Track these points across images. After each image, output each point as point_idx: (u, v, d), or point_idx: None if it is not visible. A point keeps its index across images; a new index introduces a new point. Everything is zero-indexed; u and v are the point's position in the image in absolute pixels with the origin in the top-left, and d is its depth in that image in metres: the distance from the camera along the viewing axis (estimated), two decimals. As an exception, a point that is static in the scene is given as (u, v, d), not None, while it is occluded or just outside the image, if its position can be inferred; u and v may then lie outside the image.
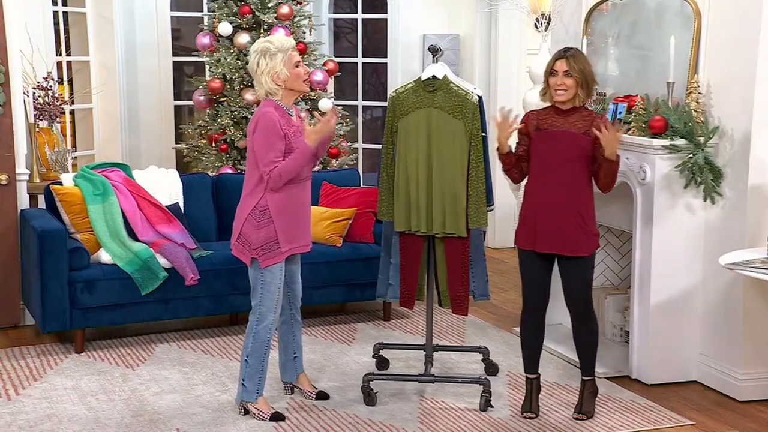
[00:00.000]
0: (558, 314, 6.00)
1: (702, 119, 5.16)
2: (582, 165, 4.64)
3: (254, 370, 4.76)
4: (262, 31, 7.65)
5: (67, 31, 8.10)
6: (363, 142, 9.22)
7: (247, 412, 4.83)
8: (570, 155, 4.62)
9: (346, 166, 7.80)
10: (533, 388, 4.91)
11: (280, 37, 4.68)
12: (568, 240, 4.65)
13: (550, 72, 4.63)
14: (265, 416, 4.78)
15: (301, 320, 5.05)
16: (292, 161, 4.56)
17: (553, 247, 4.68)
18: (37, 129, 6.70)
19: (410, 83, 5.04)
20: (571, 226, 4.64)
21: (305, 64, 7.64)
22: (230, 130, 7.60)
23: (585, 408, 4.84)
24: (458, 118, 4.88)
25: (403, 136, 4.97)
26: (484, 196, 4.93)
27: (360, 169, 9.03)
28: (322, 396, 5.06)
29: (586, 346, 4.82)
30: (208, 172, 7.58)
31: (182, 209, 6.33)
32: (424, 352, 5.37)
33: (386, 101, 5.10)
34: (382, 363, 5.54)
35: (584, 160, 4.64)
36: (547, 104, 4.76)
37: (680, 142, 5.14)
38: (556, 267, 4.79)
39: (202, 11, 8.67)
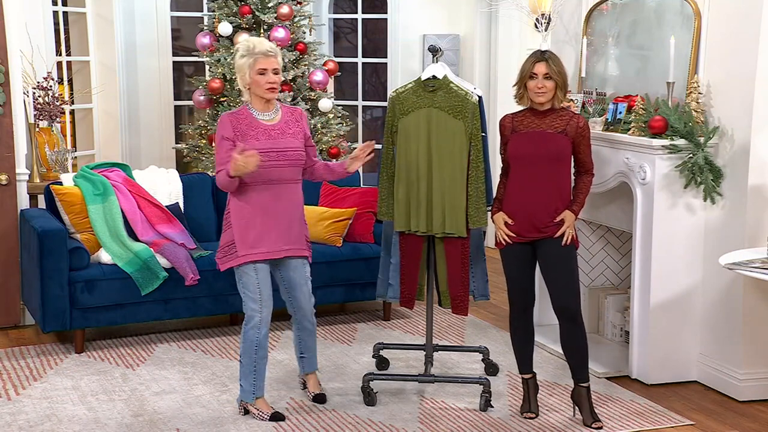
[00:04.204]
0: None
1: (702, 119, 5.16)
2: (560, 164, 4.66)
3: (248, 370, 4.76)
4: (262, 31, 7.65)
5: (67, 31, 8.11)
6: (363, 142, 9.20)
7: (247, 412, 4.83)
8: (547, 155, 4.63)
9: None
10: (530, 387, 4.91)
11: (256, 41, 4.65)
12: (540, 225, 4.66)
13: (530, 75, 4.63)
14: (265, 416, 4.78)
15: (312, 327, 4.97)
16: (221, 178, 4.56)
17: (529, 232, 4.68)
18: (37, 129, 6.70)
19: (410, 83, 5.04)
20: (545, 217, 4.65)
21: (304, 65, 7.71)
22: (230, 130, 7.59)
23: (596, 415, 4.78)
24: (458, 118, 4.88)
25: (403, 136, 4.97)
26: (484, 195, 4.93)
27: (360, 169, 9.02)
28: (318, 399, 5.04)
29: (581, 353, 4.75)
30: (208, 172, 7.58)
31: (182, 209, 6.33)
32: (424, 352, 5.37)
33: (386, 101, 5.11)
34: (382, 363, 5.54)
35: (562, 159, 4.66)
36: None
37: (680, 142, 5.14)
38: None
39: (202, 11, 8.67)
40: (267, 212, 4.65)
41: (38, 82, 6.79)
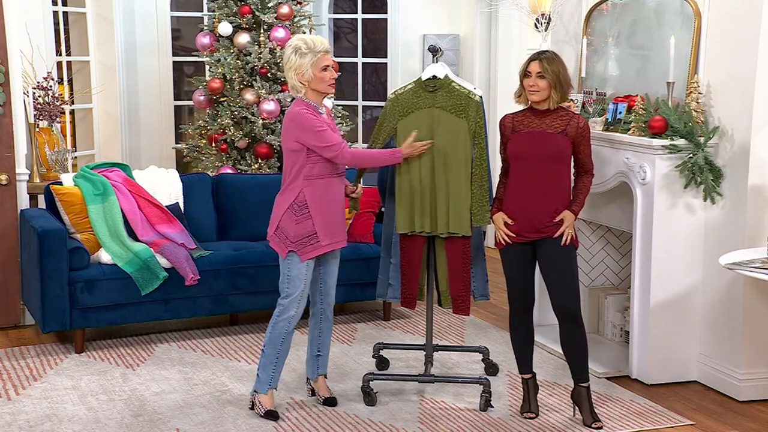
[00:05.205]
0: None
1: (702, 119, 5.16)
2: (560, 164, 4.66)
3: (268, 361, 4.80)
4: (262, 31, 7.65)
5: (67, 31, 8.11)
6: (363, 142, 9.22)
7: (253, 406, 4.86)
8: (547, 155, 4.63)
9: (346, 166, 7.79)
10: (530, 387, 4.91)
11: (315, 38, 4.77)
12: (540, 225, 4.67)
13: (525, 73, 4.66)
14: (261, 411, 4.81)
15: (331, 319, 5.02)
16: (378, 154, 4.83)
17: (529, 232, 4.69)
18: (37, 129, 6.70)
19: (410, 84, 5.03)
20: (545, 217, 4.65)
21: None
22: (230, 130, 7.60)
23: (596, 415, 4.78)
24: (461, 117, 4.88)
25: (403, 137, 4.94)
26: (487, 193, 4.92)
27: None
28: (329, 402, 5.02)
29: (581, 353, 4.76)
30: (208, 172, 7.59)
31: (182, 209, 6.33)
32: (424, 352, 5.37)
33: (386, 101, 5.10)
34: (382, 363, 5.54)
35: (562, 159, 4.66)
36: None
37: (680, 142, 5.14)
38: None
39: (202, 11, 8.67)
40: (337, 202, 4.81)
41: (38, 82, 6.79)
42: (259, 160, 7.62)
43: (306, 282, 4.76)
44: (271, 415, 4.81)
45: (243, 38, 7.61)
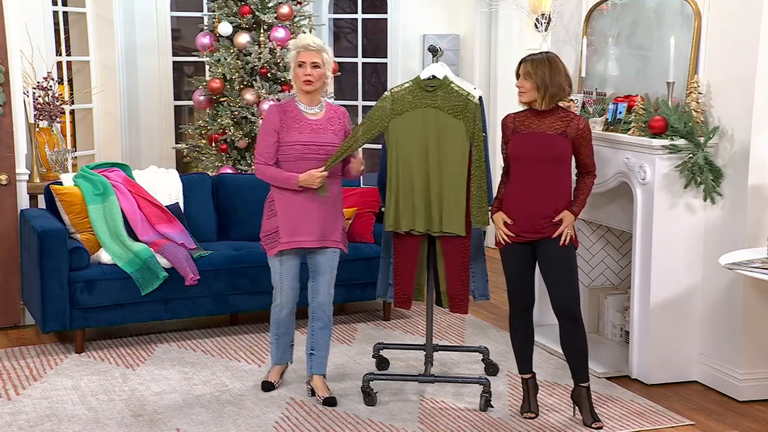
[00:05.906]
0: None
1: (702, 119, 5.16)
2: (559, 165, 4.66)
3: (272, 339, 5.16)
4: (262, 31, 7.66)
5: (67, 31, 8.11)
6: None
7: None
8: (546, 156, 4.63)
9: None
10: (530, 387, 4.91)
11: (304, 36, 4.87)
12: (539, 226, 4.67)
13: (516, 74, 4.71)
14: (263, 379, 5.16)
15: (326, 320, 5.00)
16: (277, 175, 4.83)
17: (529, 232, 4.68)
18: (37, 129, 6.70)
19: (407, 83, 5.00)
20: (545, 217, 4.64)
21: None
22: (230, 130, 7.61)
23: (596, 415, 4.78)
24: (459, 118, 4.87)
25: (397, 136, 4.91)
26: (486, 195, 4.90)
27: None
28: (329, 402, 5.02)
29: (581, 353, 4.76)
30: (208, 172, 7.59)
31: (182, 209, 6.33)
32: (424, 352, 5.37)
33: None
34: (382, 363, 5.54)
35: (562, 160, 4.66)
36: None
37: (680, 142, 5.14)
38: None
39: (202, 11, 8.67)
40: (307, 203, 4.83)
41: (38, 82, 6.79)
42: (259, 160, 7.61)
43: (282, 275, 4.91)
44: (266, 385, 5.12)
45: (243, 38, 7.61)
